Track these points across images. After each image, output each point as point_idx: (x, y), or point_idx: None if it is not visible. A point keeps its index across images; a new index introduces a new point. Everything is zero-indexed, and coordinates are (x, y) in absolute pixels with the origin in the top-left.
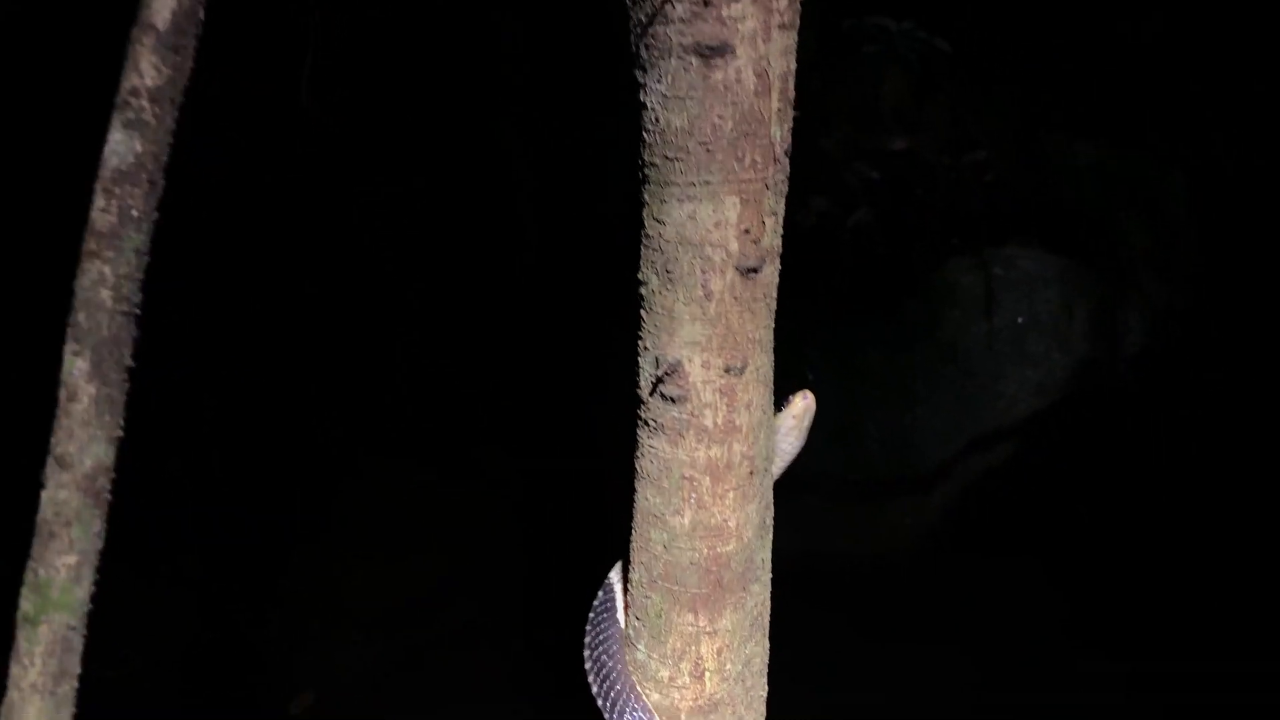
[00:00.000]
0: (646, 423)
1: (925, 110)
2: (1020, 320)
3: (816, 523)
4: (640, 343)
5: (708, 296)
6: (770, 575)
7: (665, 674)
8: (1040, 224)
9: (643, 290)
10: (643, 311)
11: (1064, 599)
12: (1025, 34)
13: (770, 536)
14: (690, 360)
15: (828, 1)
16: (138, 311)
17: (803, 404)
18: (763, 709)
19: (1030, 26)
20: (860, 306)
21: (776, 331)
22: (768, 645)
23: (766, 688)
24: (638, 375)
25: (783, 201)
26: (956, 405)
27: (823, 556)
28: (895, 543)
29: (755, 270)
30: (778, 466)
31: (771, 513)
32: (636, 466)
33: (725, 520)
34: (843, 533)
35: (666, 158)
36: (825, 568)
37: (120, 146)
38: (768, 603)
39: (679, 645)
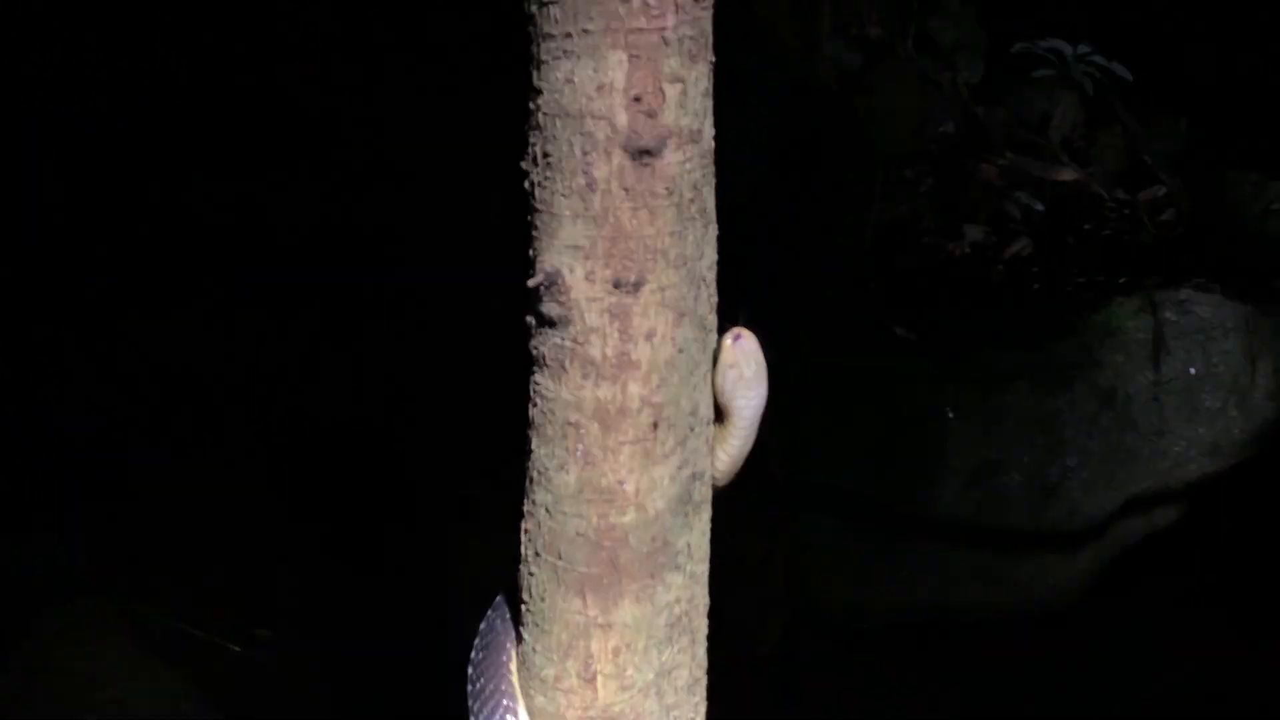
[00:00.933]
0: (531, 355)
1: (1098, 140)
2: (1192, 371)
3: (944, 572)
4: (529, 254)
5: (590, 186)
6: (707, 570)
7: (551, 672)
8: (1221, 268)
9: (525, 184)
10: (528, 215)
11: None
12: (1214, 64)
13: (707, 520)
14: (571, 270)
15: (997, 23)
16: None
17: (730, 345)
18: None
19: (1220, 55)
20: (1010, 341)
21: (918, 365)
22: (704, 661)
23: (703, 715)
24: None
25: (699, 68)
26: (1113, 458)
27: (951, 608)
28: (1034, 602)
29: (650, 153)
30: (737, 432)
31: (707, 488)
32: (529, 413)
33: (620, 482)
34: (975, 586)
35: (541, 3)
36: (954, 621)
37: None
38: (702, 605)
39: (564, 638)
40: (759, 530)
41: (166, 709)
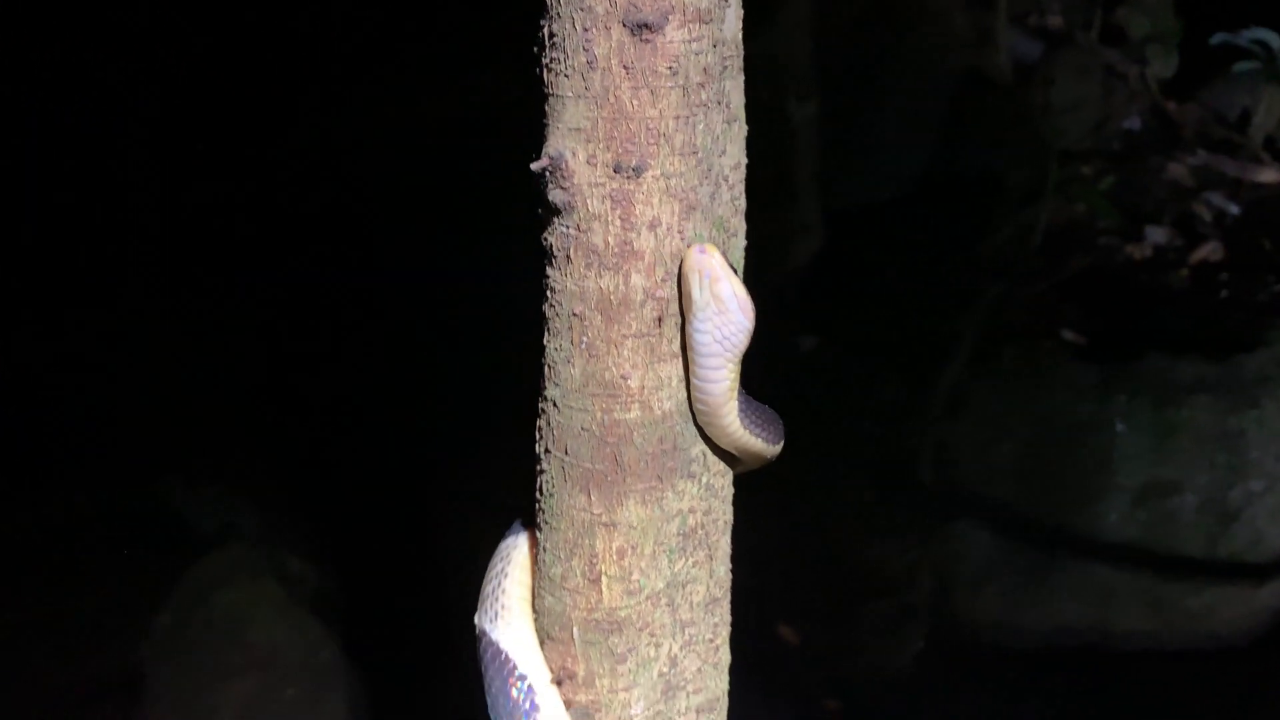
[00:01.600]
0: (543, 246)
1: None
2: None
3: (1106, 596)
4: (542, 145)
5: (590, 65)
6: (729, 484)
7: (558, 570)
8: None
9: (537, 70)
10: (542, 103)
11: None
12: None
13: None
14: (574, 153)
15: (1196, 12)
16: None
17: (696, 257)
18: (721, 676)
19: None
20: (1191, 351)
21: (1083, 373)
22: (725, 581)
23: (727, 652)
24: None
25: None
26: None
27: (1112, 635)
28: (1207, 635)
29: (650, 27)
30: (691, 359)
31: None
32: (543, 309)
33: (624, 376)
34: (1140, 613)
35: None
36: (1114, 649)
37: None
38: (722, 520)
39: (571, 535)
40: (903, 537)
41: (306, 653)
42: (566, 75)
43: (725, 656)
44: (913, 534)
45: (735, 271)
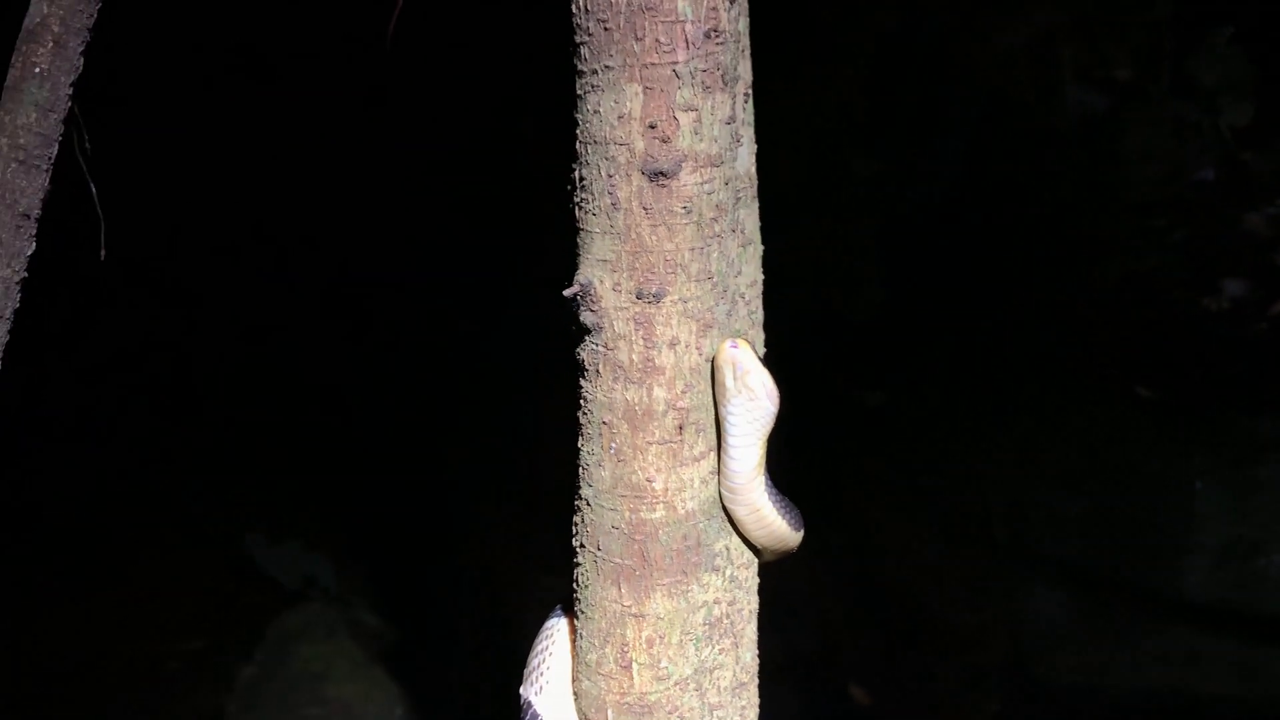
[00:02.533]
0: (577, 360)
1: None
2: None
3: (1189, 660)
4: (575, 264)
5: (614, 206)
6: (754, 575)
7: (593, 657)
8: None
9: (570, 206)
10: (574, 236)
11: None
12: None
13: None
14: (601, 282)
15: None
16: (38, 164)
17: (729, 352)
18: None
19: None
20: (1271, 407)
21: (1161, 429)
22: (751, 666)
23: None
24: None
25: (717, 98)
26: None
27: (1197, 700)
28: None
29: (665, 175)
30: (724, 443)
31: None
32: (578, 415)
33: (649, 480)
34: (1226, 678)
35: (575, 43)
36: (1198, 712)
37: (33, 9)
38: (747, 609)
39: (604, 625)
40: (977, 596)
41: (383, 705)
42: (594, 214)
43: None
44: (986, 593)
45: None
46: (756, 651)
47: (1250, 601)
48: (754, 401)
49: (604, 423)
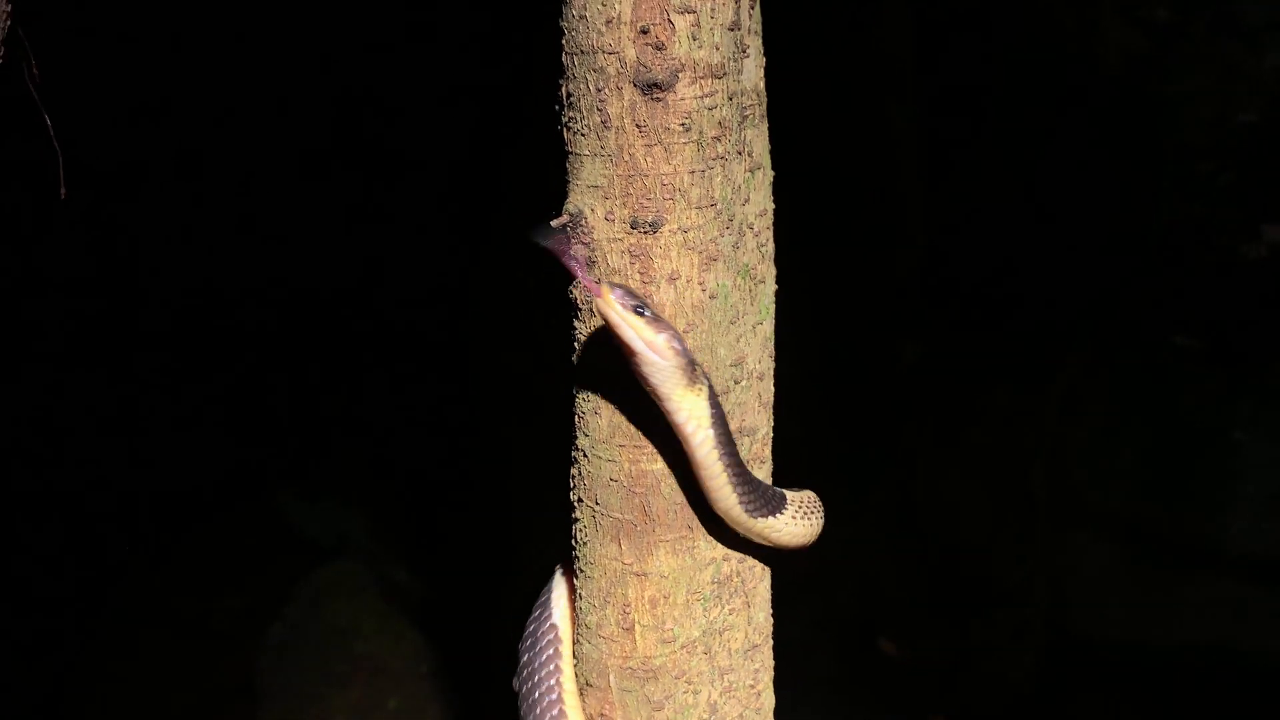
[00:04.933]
0: (570, 300)
1: None
2: None
3: (1236, 607)
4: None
5: (605, 124)
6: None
7: (594, 619)
8: None
9: (559, 128)
10: (565, 161)
11: None
12: None
13: (765, 478)
14: (592, 210)
15: None
16: None
17: (598, 304)
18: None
19: None
20: None
21: (1204, 379)
22: (764, 628)
23: (770, 696)
24: None
25: (718, 0)
26: None
27: (1241, 650)
28: None
29: (660, 87)
30: (663, 394)
31: (763, 446)
32: (573, 357)
33: (648, 428)
34: (1267, 631)
35: None
36: (1242, 664)
37: None
38: (759, 567)
39: (604, 584)
40: (1019, 548)
41: (409, 664)
42: (583, 134)
43: (768, 701)
44: (1029, 545)
45: (641, 310)
46: (770, 611)
47: None
48: (637, 357)
49: (599, 366)
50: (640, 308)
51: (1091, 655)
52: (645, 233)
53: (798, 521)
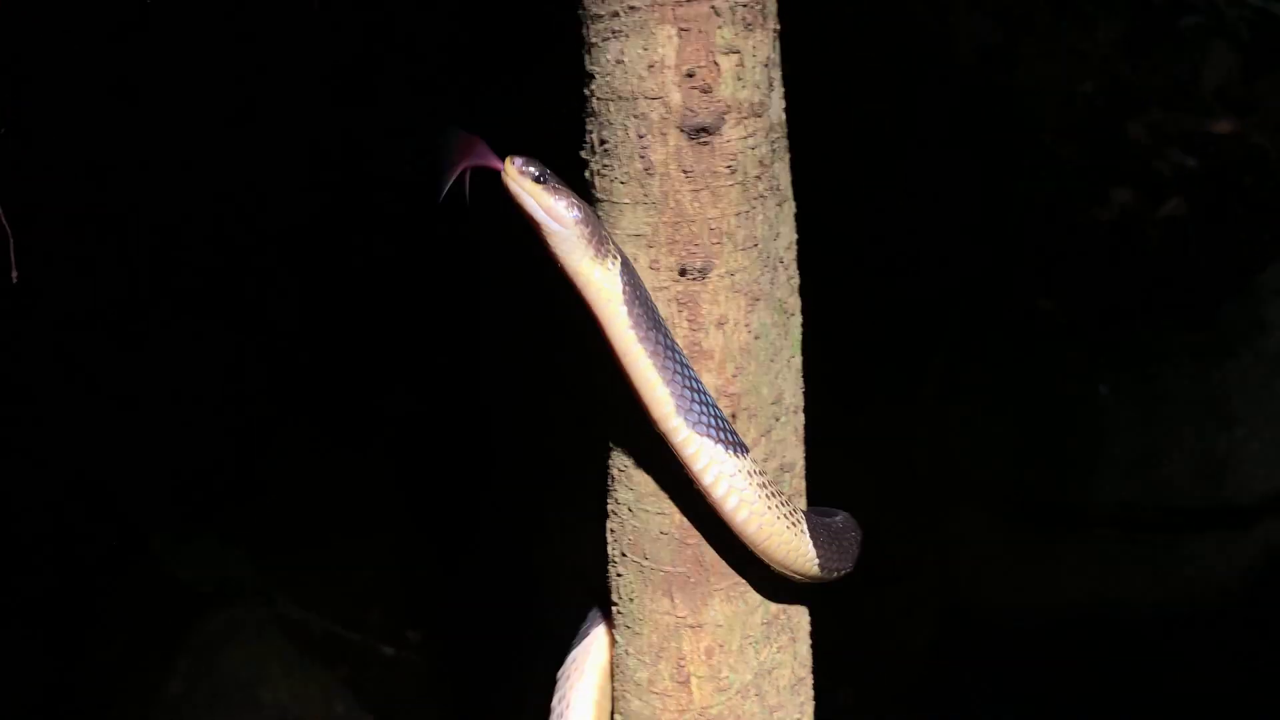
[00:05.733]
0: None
1: (1256, 89)
2: None
3: (1109, 561)
4: None
5: (648, 170)
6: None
7: (644, 675)
8: None
9: (585, 174)
10: (591, 205)
11: None
12: None
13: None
14: (635, 260)
15: None
16: None
17: (504, 180)
18: None
19: None
20: (1167, 311)
21: (1066, 341)
22: (807, 659)
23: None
24: None
25: (758, 37)
26: None
27: (1117, 602)
28: (1203, 586)
29: (708, 130)
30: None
31: (799, 480)
32: (602, 406)
33: None
34: (1141, 574)
35: None
36: (1119, 615)
37: None
38: (798, 599)
39: (655, 639)
40: (908, 526)
41: (320, 708)
42: (623, 182)
43: None
44: (915, 521)
45: (540, 178)
46: (810, 641)
47: (1158, 498)
48: (541, 229)
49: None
50: (541, 176)
51: (983, 621)
52: (694, 279)
53: (757, 492)
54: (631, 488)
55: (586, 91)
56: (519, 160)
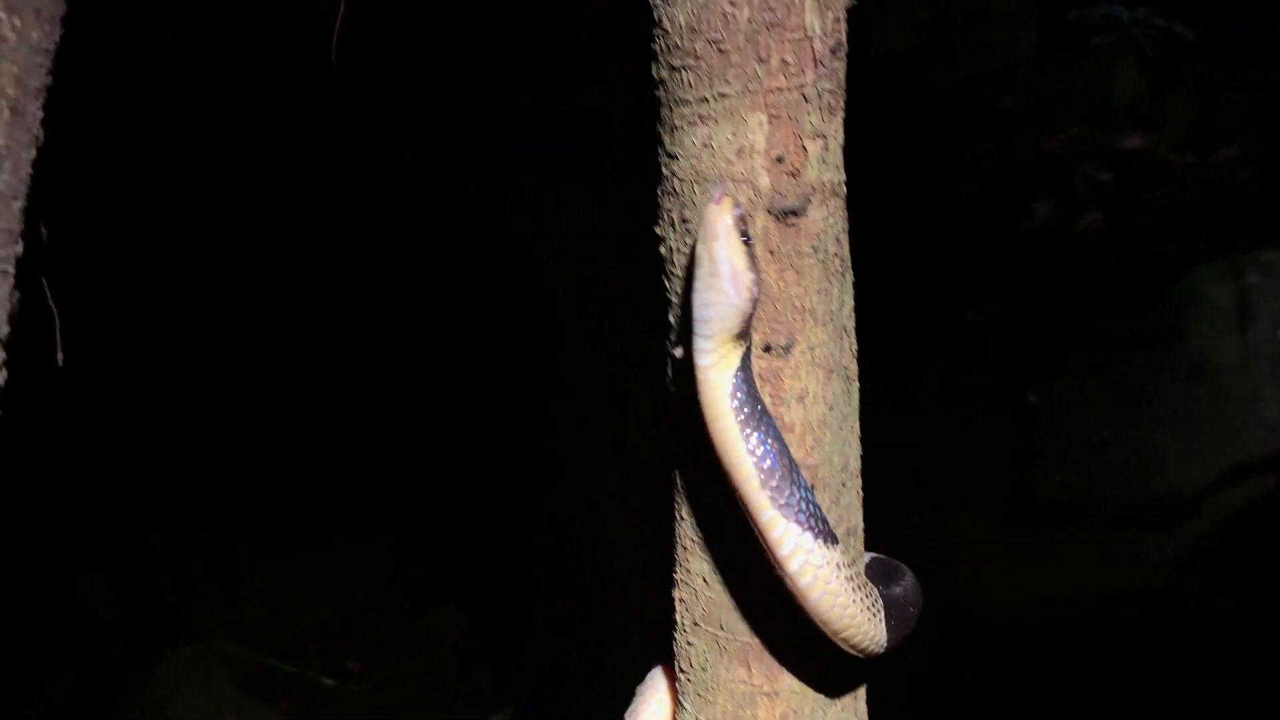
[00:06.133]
0: (676, 425)
1: (1164, 104)
2: None
3: (1048, 556)
4: (667, 316)
5: None
6: None
7: None
8: None
9: (661, 249)
10: (664, 277)
11: None
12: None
13: (860, 572)
14: None
15: None
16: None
17: (710, 207)
18: None
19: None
20: (1091, 318)
21: (999, 348)
22: (865, 712)
23: None
24: (667, 365)
25: (838, 120)
26: (1208, 430)
27: (1056, 595)
28: (1140, 579)
29: (796, 213)
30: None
31: (860, 542)
32: (673, 475)
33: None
34: (1079, 567)
35: (673, 67)
36: (1059, 607)
37: None
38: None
39: (730, 708)
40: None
41: None
42: None
43: None
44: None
45: (748, 241)
46: (865, 694)
47: (1095, 495)
48: (712, 278)
49: (727, 493)
50: (748, 240)
51: (983, 621)
52: (778, 355)
53: (843, 584)
54: (706, 559)
55: (666, 171)
56: (739, 210)
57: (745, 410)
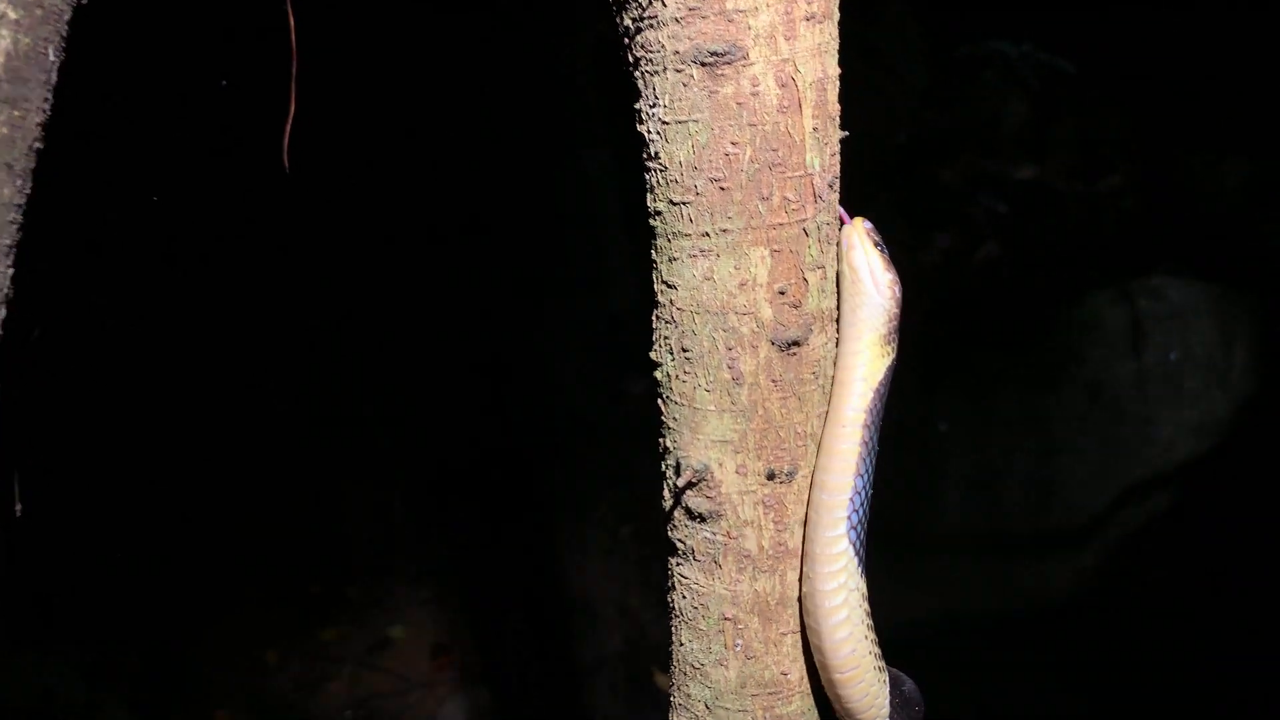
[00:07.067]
0: (674, 545)
1: (1051, 135)
2: (1172, 356)
3: (957, 583)
4: (660, 442)
5: (736, 381)
6: None
7: None
8: (1189, 250)
9: (658, 374)
10: (660, 402)
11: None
12: (1156, 48)
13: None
14: (721, 465)
15: (940, 29)
16: None
17: (845, 228)
18: None
19: (1161, 40)
20: (992, 346)
21: (904, 378)
22: None
23: None
24: (662, 485)
25: (834, 249)
26: (1106, 451)
27: (967, 618)
28: (1048, 601)
29: (798, 343)
30: (846, 320)
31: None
32: (669, 600)
33: (784, 673)
34: (988, 593)
35: (672, 202)
36: (970, 630)
37: None
38: None
39: None
40: None
41: None
42: (707, 390)
43: None
44: None
45: (882, 248)
46: None
47: (998, 522)
48: (855, 285)
49: (726, 618)
50: (881, 246)
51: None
52: (782, 482)
53: (863, 616)
54: (709, 685)
55: (663, 299)
56: (869, 223)
57: (876, 408)
